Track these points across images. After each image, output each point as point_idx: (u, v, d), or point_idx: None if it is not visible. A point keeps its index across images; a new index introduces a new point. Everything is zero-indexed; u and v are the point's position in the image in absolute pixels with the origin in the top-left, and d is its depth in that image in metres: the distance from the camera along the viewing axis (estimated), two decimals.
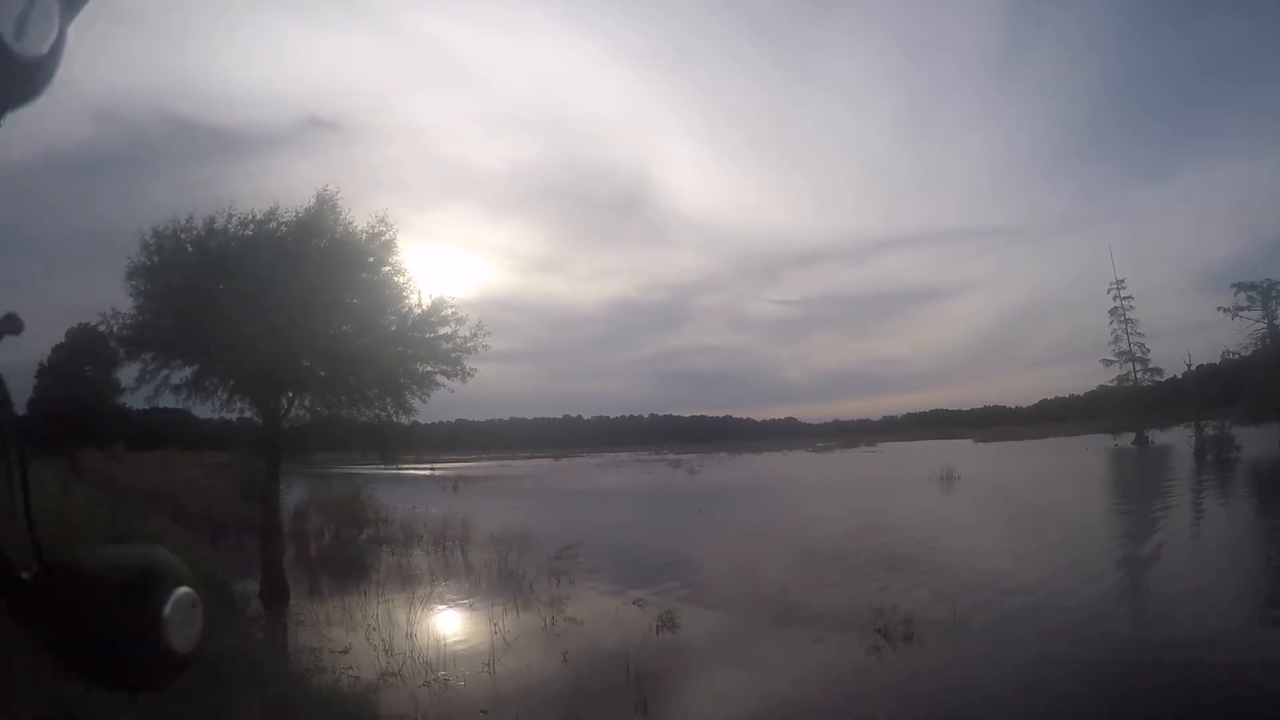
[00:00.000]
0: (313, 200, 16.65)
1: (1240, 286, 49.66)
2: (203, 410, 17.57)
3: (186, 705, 5.50)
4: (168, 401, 16.98)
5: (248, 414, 18.27)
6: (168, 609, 0.82)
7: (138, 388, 16.50)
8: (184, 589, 0.84)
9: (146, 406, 18.61)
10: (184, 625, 0.83)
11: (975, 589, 14.07)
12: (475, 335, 17.47)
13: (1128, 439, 62.60)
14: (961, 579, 15.12)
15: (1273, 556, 15.95)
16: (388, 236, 16.99)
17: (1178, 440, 53.84)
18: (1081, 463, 48.42)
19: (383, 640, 11.38)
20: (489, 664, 10.47)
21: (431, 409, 18.24)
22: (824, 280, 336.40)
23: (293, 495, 23.27)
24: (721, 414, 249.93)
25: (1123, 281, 68.54)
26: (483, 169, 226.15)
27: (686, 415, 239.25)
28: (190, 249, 15.98)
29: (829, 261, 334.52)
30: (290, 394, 16.95)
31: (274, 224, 16.41)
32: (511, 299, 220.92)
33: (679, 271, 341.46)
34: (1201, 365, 58.46)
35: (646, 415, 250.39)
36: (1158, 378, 67.40)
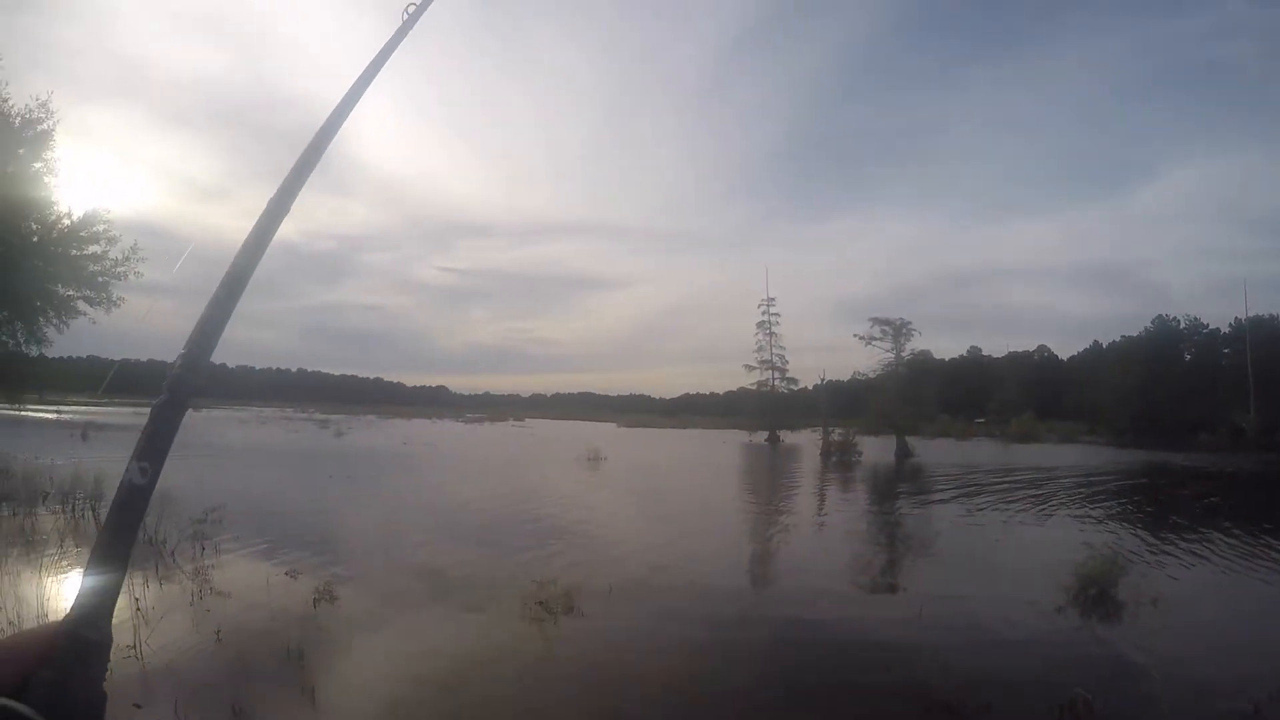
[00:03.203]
0: None
1: (876, 321, 56.36)
2: None
3: None
4: None
5: None
6: None
7: None
8: None
9: None
10: None
11: (622, 561, 14.66)
12: (128, 259, 15.18)
13: (761, 436, 69.53)
14: (611, 552, 15.58)
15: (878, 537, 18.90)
16: (45, 127, 14.18)
17: (806, 441, 61.48)
18: (722, 453, 53.27)
19: None
20: (134, 646, 8.73)
21: (61, 342, 15.52)
22: (493, 255, 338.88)
23: None
24: (373, 376, 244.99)
25: (773, 299, 75.46)
26: (161, 72, 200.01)
27: (337, 374, 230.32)
28: None
29: (502, 237, 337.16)
30: None
31: None
32: (169, 227, 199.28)
33: (350, 223, 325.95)
34: (832, 380, 66.91)
35: (295, 370, 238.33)
36: (793, 386, 75.75)
